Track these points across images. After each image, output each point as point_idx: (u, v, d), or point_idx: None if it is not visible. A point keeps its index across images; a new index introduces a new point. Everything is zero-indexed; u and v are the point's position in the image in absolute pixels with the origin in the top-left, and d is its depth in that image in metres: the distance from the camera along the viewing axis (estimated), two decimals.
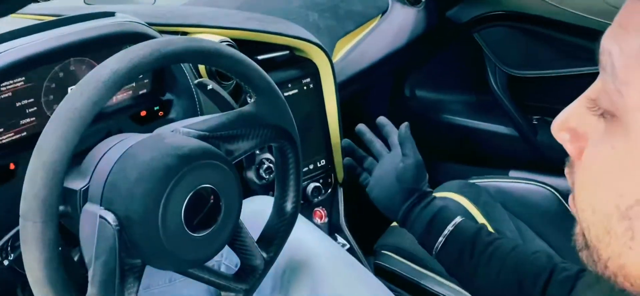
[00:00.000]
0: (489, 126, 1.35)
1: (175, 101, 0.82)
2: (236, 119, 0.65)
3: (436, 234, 0.75)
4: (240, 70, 0.62)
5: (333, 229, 1.01)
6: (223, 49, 0.60)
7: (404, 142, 0.81)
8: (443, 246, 0.75)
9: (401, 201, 0.79)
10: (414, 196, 0.78)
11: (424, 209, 0.77)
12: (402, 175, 0.79)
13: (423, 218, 0.76)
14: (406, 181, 0.78)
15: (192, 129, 0.63)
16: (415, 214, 0.77)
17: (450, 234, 0.74)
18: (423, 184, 0.79)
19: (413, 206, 0.78)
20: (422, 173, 0.80)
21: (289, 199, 0.70)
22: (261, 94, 0.65)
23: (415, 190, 0.78)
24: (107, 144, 0.62)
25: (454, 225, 0.75)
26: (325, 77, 0.98)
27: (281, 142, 0.69)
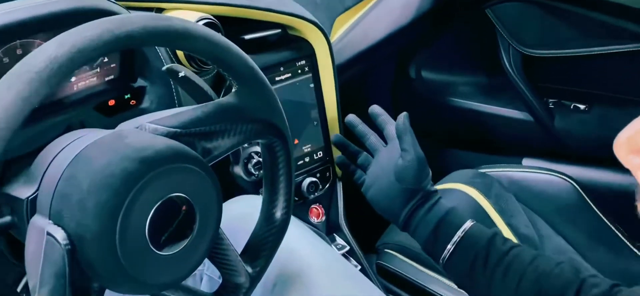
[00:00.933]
0: (501, 110, 1.25)
1: (149, 88, 0.72)
2: (214, 112, 0.54)
3: (443, 241, 0.66)
4: (218, 54, 0.52)
5: (331, 228, 0.91)
6: (193, 29, 0.49)
7: (403, 135, 0.71)
8: (451, 256, 0.65)
9: (402, 203, 0.69)
10: (417, 198, 0.68)
11: (429, 213, 0.67)
12: (402, 174, 0.69)
13: (428, 222, 0.67)
14: (407, 181, 0.69)
15: (160, 125, 0.52)
16: (419, 218, 0.68)
17: (459, 241, 0.65)
18: (426, 183, 0.70)
19: (416, 209, 0.68)
20: (424, 170, 0.70)
21: (279, 204, 0.60)
22: (244, 83, 0.55)
23: (418, 190, 0.69)
24: (60, 144, 0.52)
25: (463, 231, 0.66)
26: (322, 59, 0.88)
27: (269, 139, 0.59)
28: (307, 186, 0.87)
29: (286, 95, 0.85)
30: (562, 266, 0.62)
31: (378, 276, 0.97)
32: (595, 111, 1.17)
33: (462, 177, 1.14)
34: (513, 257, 0.63)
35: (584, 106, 1.18)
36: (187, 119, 0.53)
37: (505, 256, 0.63)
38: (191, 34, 0.49)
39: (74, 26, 0.44)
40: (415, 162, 0.69)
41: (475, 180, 1.12)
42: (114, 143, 0.49)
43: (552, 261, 0.63)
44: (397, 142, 0.71)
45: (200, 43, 0.50)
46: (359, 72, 1.10)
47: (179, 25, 0.48)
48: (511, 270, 0.62)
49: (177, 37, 0.48)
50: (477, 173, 1.16)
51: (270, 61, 0.83)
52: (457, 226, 0.66)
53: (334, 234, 0.91)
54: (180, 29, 0.48)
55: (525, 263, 0.62)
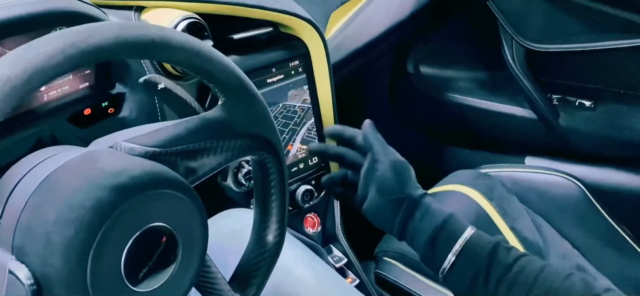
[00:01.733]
0: (503, 107, 1.20)
1: (129, 95, 0.66)
2: (199, 128, 0.49)
3: (442, 253, 0.61)
4: (201, 65, 0.46)
5: (328, 239, 0.86)
6: (172, 37, 0.43)
7: (371, 144, 0.65)
8: (451, 269, 0.60)
9: (391, 215, 0.64)
10: (404, 207, 0.63)
11: (423, 221, 0.62)
12: (380, 186, 0.64)
13: (423, 232, 0.62)
14: (387, 192, 0.63)
15: (137, 145, 0.47)
16: (413, 228, 0.63)
17: (460, 251, 0.60)
18: (409, 188, 0.64)
19: (407, 220, 0.63)
20: (403, 174, 0.64)
21: (271, 226, 0.55)
22: (231, 95, 0.50)
23: (403, 199, 0.63)
24: (25, 166, 0.46)
25: (464, 240, 0.60)
26: (317, 58, 0.82)
27: (260, 154, 0.53)
28: (302, 194, 0.81)
29: (279, 98, 0.79)
30: (572, 279, 0.57)
31: (376, 286, 0.92)
32: (601, 108, 1.12)
33: (463, 178, 1.09)
34: (518, 271, 0.58)
35: (589, 103, 1.13)
36: (168, 137, 0.48)
37: (509, 270, 0.58)
38: (170, 43, 0.43)
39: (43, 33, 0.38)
40: (391, 169, 0.63)
41: (477, 181, 1.08)
42: (84, 167, 0.44)
43: (560, 275, 0.58)
44: (369, 153, 0.66)
45: (181, 53, 0.44)
46: (355, 69, 1.05)
47: (156, 34, 0.42)
48: (516, 286, 0.57)
49: (153, 48, 0.42)
50: (478, 174, 1.11)
51: (262, 61, 0.77)
52: (455, 236, 0.60)
53: (331, 245, 0.86)
54: (158, 39, 0.42)
55: (531, 278, 0.57)
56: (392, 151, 0.65)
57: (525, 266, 0.58)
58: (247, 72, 0.76)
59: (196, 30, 0.69)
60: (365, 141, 0.66)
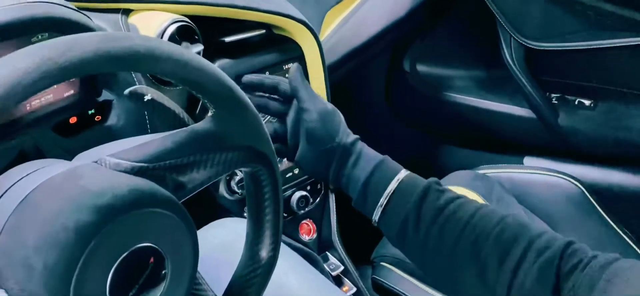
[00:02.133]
0: (501, 106, 1.18)
1: (116, 102, 0.64)
2: (188, 141, 0.47)
3: (374, 198, 0.57)
4: (189, 76, 0.44)
5: (324, 246, 0.84)
6: (158, 48, 0.41)
7: (297, 91, 0.61)
8: (383, 213, 0.57)
9: (325, 165, 0.60)
10: (336, 156, 0.60)
11: (355, 168, 0.59)
12: (310, 136, 0.60)
13: (356, 179, 0.59)
14: (318, 142, 0.60)
15: (123, 160, 0.45)
16: (347, 176, 0.60)
17: (391, 195, 0.57)
18: (340, 136, 0.60)
19: (340, 168, 0.60)
20: (332, 121, 0.61)
21: (265, 241, 0.53)
22: (222, 106, 0.47)
23: (334, 149, 0.60)
24: (3, 184, 0.44)
25: (396, 182, 0.57)
26: (311, 60, 0.79)
27: (253, 167, 0.51)
28: (297, 200, 0.79)
29: None
30: (506, 221, 0.52)
31: (374, 293, 0.90)
32: (601, 107, 1.11)
33: (461, 179, 1.08)
34: (450, 214, 0.54)
35: (589, 102, 1.11)
36: (155, 152, 0.45)
37: (440, 213, 0.54)
38: (156, 55, 0.41)
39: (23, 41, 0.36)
40: (319, 118, 0.60)
41: (475, 183, 1.06)
42: (66, 186, 0.41)
43: (494, 217, 0.53)
44: (295, 101, 0.62)
45: (168, 65, 0.42)
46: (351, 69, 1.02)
47: (141, 45, 0.40)
48: (447, 229, 0.53)
49: (138, 60, 0.40)
50: (477, 175, 1.09)
51: (254, 65, 0.75)
52: (387, 180, 0.57)
53: (327, 252, 0.84)
54: (143, 50, 0.40)
55: (463, 221, 0.53)
56: (318, 99, 0.61)
57: (457, 209, 0.54)
58: (239, 76, 0.75)
59: (186, 34, 0.66)
60: (292, 88, 0.62)
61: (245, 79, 0.67)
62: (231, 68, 0.72)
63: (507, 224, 0.52)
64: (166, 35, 0.64)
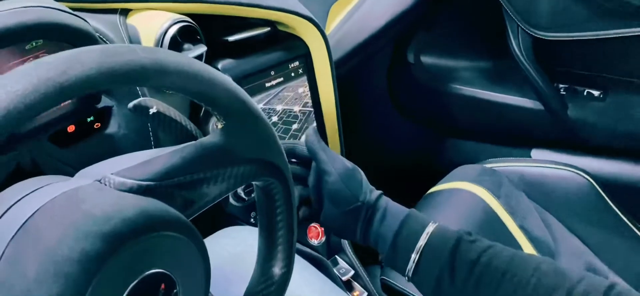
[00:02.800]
0: (508, 98, 1.15)
1: (116, 108, 0.60)
2: (197, 157, 0.44)
3: (404, 255, 0.56)
4: (200, 89, 0.41)
5: (332, 249, 0.81)
6: (165, 61, 0.38)
7: (314, 153, 0.60)
8: (416, 269, 0.55)
9: (351, 225, 0.59)
10: (362, 216, 0.58)
11: (382, 226, 0.57)
12: (333, 198, 0.59)
13: (384, 236, 0.57)
14: (342, 203, 0.58)
15: (128, 179, 0.42)
16: (375, 234, 0.58)
17: (422, 251, 0.55)
18: (363, 194, 0.59)
19: (367, 227, 0.58)
20: (353, 180, 0.59)
21: (278, 258, 0.50)
22: (233, 119, 0.44)
23: (359, 208, 0.58)
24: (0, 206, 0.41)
25: (426, 236, 0.55)
26: (318, 58, 0.76)
27: (265, 180, 0.48)
28: None
29: (279, 101, 0.74)
30: (541, 269, 0.51)
31: (382, 293, 0.88)
32: (611, 98, 1.08)
33: (468, 174, 1.05)
34: (484, 267, 0.52)
35: (598, 93, 1.09)
36: (163, 169, 0.42)
37: (474, 266, 0.52)
38: (164, 68, 0.38)
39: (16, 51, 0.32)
40: (340, 180, 0.58)
41: (483, 178, 1.03)
42: (68, 211, 0.38)
43: (529, 266, 0.52)
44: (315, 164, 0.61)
45: (177, 78, 0.39)
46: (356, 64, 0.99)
47: (147, 58, 0.37)
48: (483, 282, 0.51)
49: (145, 75, 0.37)
50: (484, 170, 1.07)
51: (259, 64, 0.71)
52: (416, 235, 0.55)
53: (336, 256, 0.81)
54: (149, 64, 0.37)
55: (499, 272, 0.51)
56: (337, 158, 0.60)
57: (491, 261, 0.52)
58: (244, 76, 0.72)
59: (188, 35, 0.63)
60: (309, 151, 0.60)
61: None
62: (235, 68, 0.69)
63: (544, 273, 0.50)
64: (167, 37, 0.61)
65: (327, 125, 0.79)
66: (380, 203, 0.58)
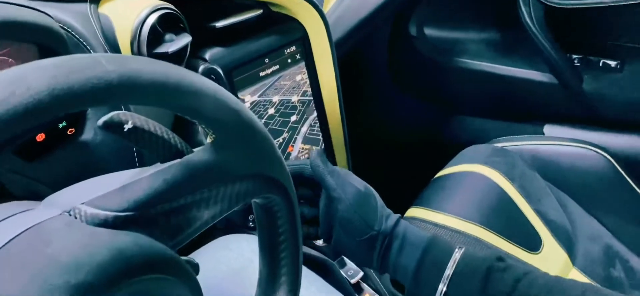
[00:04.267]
0: (519, 71, 1.08)
1: (92, 111, 0.53)
2: (184, 178, 0.37)
3: (429, 287, 0.50)
4: (182, 102, 0.34)
5: None
6: (136, 73, 0.31)
7: (322, 180, 0.53)
8: None
9: (366, 254, 0.53)
10: (378, 245, 0.52)
11: (401, 255, 0.52)
12: (346, 227, 0.53)
13: (405, 267, 0.52)
14: (355, 232, 0.52)
15: (102, 210, 0.35)
16: (393, 264, 0.53)
17: (449, 282, 0.49)
18: (378, 221, 0.53)
19: (384, 255, 0.53)
20: (368, 206, 0.53)
21: (282, 283, 0.44)
22: (223, 130, 0.38)
23: (374, 237, 0.52)
24: None
25: (453, 266, 0.49)
26: (317, 41, 0.69)
27: (265, 198, 0.42)
28: None
29: (275, 92, 0.67)
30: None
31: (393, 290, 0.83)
32: (629, 68, 1.01)
33: (479, 155, 0.99)
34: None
35: (615, 63, 1.02)
36: (144, 195, 0.36)
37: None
38: (135, 82, 0.31)
39: None
40: (352, 210, 0.52)
41: (495, 159, 0.97)
42: (31, 256, 0.32)
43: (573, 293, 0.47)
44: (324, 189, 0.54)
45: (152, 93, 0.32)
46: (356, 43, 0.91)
47: (114, 73, 0.30)
48: None
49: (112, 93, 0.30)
50: (495, 150, 1.00)
51: (252, 52, 0.64)
52: (441, 265, 0.50)
53: (343, 256, 0.75)
54: (117, 79, 0.30)
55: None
56: (348, 183, 0.53)
57: (529, 288, 0.47)
58: (234, 67, 0.64)
59: (170, 23, 0.55)
60: (316, 178, 0.54)
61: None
62: (225, 57, 0.62)
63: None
64: (146, 27, 0.53)
65: (329, 114, 0.72)
66: (397, 230, 0.52)
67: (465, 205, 0.89)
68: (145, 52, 0.53)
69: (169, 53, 0.53)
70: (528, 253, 0.86)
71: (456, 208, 0.88)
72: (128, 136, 0.38)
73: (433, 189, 0.95)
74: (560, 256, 0.88)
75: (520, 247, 0.86)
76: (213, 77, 0.60)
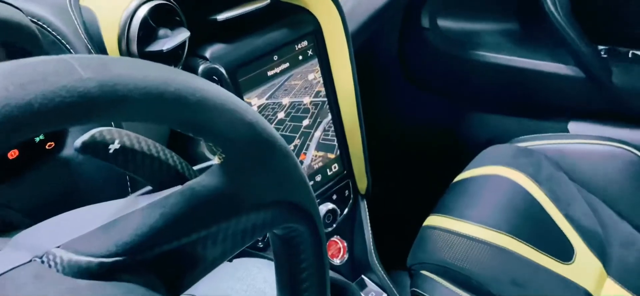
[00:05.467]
0: (541, 64, 1.01)
1: None
2: (186, 210, 0.30)
3: None
4: (179, 115, 0.26)
5: (358, 268, 0.67)
6: (124, 81, 0.23)
7: None
8: None
9: None
10: None
11: None
12: None
13: None
14: None
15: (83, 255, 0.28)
16: None
17: None
18: None
19: None
20: None
21: None
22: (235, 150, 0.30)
23: None
24: None
25: None
26: (331, 33, 0.61)
27: (286, 229, 0.34)
28: (324, 216, 0.62)
29: (285, 93, 0.59)
30: None
31: None
32: None
33: (502, 157, 0.92)
34: None
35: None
36: (136, 235, 0.28)
37: None
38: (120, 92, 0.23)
39: None
40: None
41: (520, 160, 0.90)
42: None
43: None
44: None
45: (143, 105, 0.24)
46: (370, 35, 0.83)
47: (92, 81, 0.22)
48: None
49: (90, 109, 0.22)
50: (519, 150, 0.93)
51: (258, 48, 0.56)
52: None
53: (363, 276, 0.67)
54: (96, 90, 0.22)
55: None
56: None
57: None
58: (239, 65, 0.56)
59: (163, 16, 0.47)
60: None
61: None
62: (228, 55, 0.54)
63: None
64: (136, 22, 0.45)
65: (345, 117, 0.64)
66: None
67: (490, 212, 0.82)
68: (135, 51, 0.45)
69: (163, 51, 0.45)
70: (560, 263, 0.79)
71: (481, 216, 0.81)
72: (114, 159, 0.30)
73: (454, 195, 0.87)
74: (594, 266, 0.81)
75: (552, 257, 0.79)
76: (215, 78, 0.52)
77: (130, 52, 0.45)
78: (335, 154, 0.65)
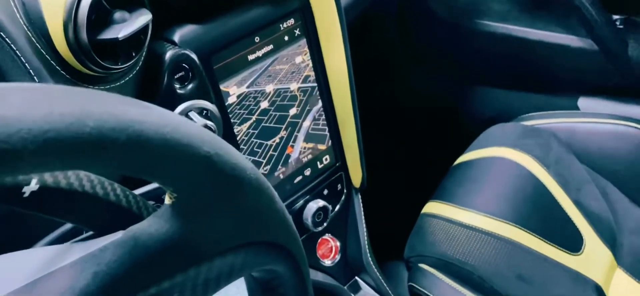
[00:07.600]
0: (550, 35, 0.93)
1: None
2: (129, 266, 0.24)
3: None
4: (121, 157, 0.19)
5: (351, 269, 0.62)
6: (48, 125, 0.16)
7: None
8: None
9: None
10: None
11: None
12: None
13: None
14: None
15: None
16: None
17: None
18: None
19: None
20: None
21: None
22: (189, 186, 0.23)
23: None
24: None
25: None
26: (322, 10, 0.53)
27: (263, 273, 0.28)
28: (314, 214, 0.56)
29: (269, 78, 0.52)
30: None
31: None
32: None
33: (507, 137, 0.85)
34: None
35: None
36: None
37: None
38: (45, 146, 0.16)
39: None
40: None
41: (526, 141, 0.84)
42: None
43: None
44: None
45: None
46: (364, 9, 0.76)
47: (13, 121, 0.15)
48: None
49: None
50: (525, 129, 0.87)
51: (237, 28, 0.48)
52: None
53: (357, 278, 0.62)
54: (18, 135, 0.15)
55: None
56: None
57: None
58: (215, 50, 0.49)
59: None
60: None
61: None
62: (201, 38, 0.46)
63: None
64: (85, 2, 0.37)
65: (337, 104, 0.57)
66: None
67: (494, 199, 0.76)
68: (85, 39, 0.38)
69: (119, 39, 0.38)
70: (569, 254, 0.74)
71: (485, 204, 0.75)
72: (30, 204, 0.24)
73: (455, 179, 0.81)
74: (604, 256, 0.76)
75: (561, 248, 0.74)
76: (185, 65, 0.45)
77: (78, 41, 0.38)
78: (327, 145, 0.58)
